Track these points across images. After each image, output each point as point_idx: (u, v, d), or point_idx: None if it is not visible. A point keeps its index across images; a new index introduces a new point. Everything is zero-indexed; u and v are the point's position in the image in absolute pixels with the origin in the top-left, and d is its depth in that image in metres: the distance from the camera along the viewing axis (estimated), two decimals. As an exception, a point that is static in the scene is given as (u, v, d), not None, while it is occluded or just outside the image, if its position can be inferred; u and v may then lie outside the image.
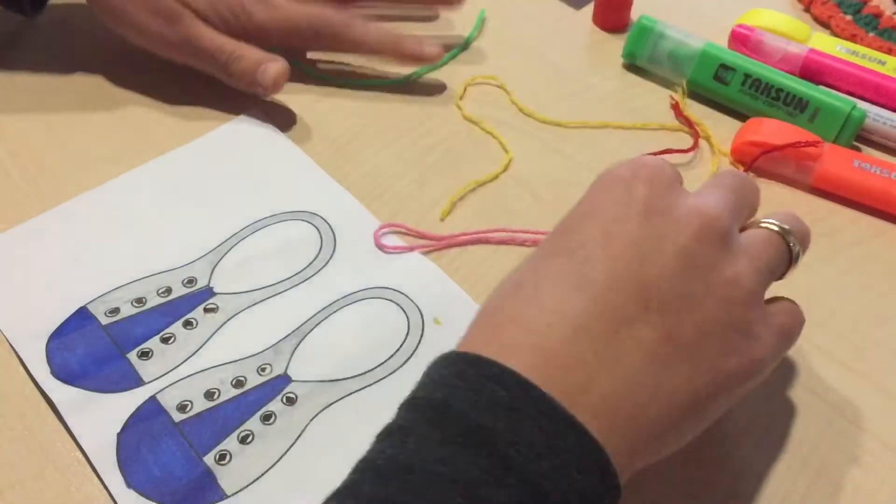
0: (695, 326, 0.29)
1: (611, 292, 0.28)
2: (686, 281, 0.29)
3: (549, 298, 0.29)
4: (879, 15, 0.56)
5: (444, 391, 0.27)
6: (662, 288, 0.29)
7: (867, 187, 0.45)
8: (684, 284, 0.29)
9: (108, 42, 0.56)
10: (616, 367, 0.28)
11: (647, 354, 0.28)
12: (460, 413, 0.26)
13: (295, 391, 0.38)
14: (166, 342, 0.40)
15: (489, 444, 0.25)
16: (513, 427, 0.25)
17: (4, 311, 0.40)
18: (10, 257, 0.43)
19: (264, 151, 0.48)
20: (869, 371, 0.39)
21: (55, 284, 0.42)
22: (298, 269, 0.43)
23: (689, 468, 0.36)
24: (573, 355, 0.27)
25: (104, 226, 0.44)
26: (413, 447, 0.26)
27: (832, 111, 0.47)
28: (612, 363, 0.28)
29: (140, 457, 0.36)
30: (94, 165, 0.48)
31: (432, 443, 0.26)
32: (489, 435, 0.25)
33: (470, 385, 0.27)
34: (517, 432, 0.25)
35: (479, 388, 0.26)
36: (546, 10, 0.58)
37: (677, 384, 0.28)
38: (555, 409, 0.26)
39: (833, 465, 0.36)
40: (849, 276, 0.43)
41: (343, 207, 0.45)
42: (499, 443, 0.25)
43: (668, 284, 0.29)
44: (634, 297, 0.28)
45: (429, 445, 0.26)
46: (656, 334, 0.28)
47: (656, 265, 0.29)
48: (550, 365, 0.27)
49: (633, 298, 0.28)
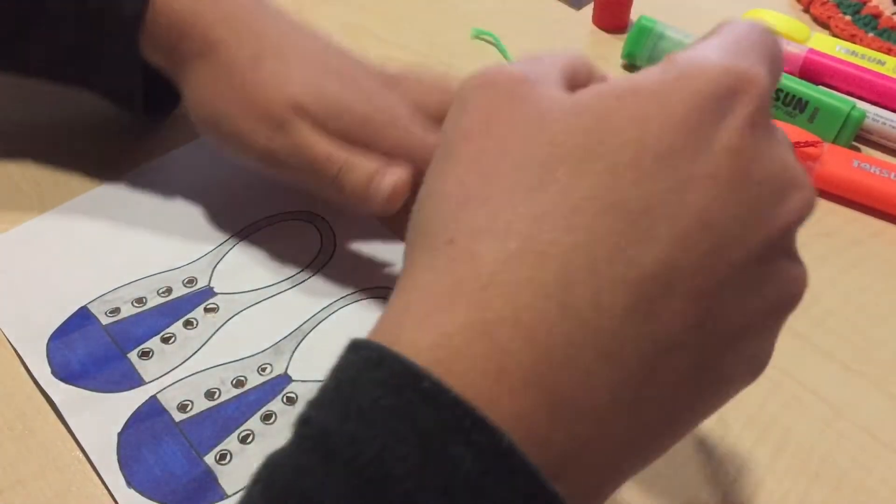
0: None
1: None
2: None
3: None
4: (879, 15, 0.56)
5: (377, 444, 0.19)
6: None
7: (866, 187, 0.45)
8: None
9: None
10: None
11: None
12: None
13: (295, 391, 0.38)
14: (167, 342, 0.40)
15: None
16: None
17: (5, 311, 0.40)
18: (10, 257, 0.43)
19: (264, 151, 0.48)
20: (869, 371, 0.39)
21: (56, 284, 0.42)
22: (298, 269, 0.43)
23: (689, 468, 0.36)
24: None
25: (104, 226, 0.44)
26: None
27: (831, 111, 0.47)
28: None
29: (140, 456, 0.36)
30: (94, 165, 0.48)
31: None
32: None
33: (417, 445, 0.19)
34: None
35: (438, 455, 0.19)
36: (546, 10, 0.58)
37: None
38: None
39: (833, 465, 0.36)
40: (848, 275, 0.43)
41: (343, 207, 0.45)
42: None
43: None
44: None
45: None
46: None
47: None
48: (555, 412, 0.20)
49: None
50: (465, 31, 0.56)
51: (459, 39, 0.56)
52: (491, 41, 0.56)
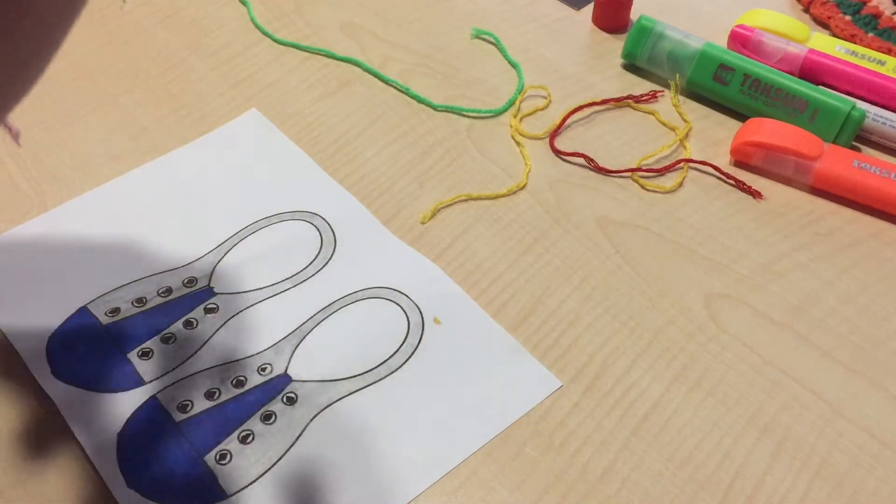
0: None
1: None
2: None
3: None
4: (879, 15, 0.56)
5: None
6: None
7: (866, 187, 0.45)
8: None
9: (108, 42, 0.56)
10: None
11: None
12: None
13: (295, 391, 0.38)
14: (167, 342, 0.40)
15: None
16: None
17: (5, 311, 0.41)
18: (10, 257, 0.43)
19: (264, 151, 0.49)
20: (869, 371, 0.39)
21: (56, 284, 0.42)
22: (298, 269, 0.43)
23: (689, 468, 0.36)
24: None
25: (104, 226, 0.44)
26: None
27: (832, 111, 0.47)
28: None
29: (140, 456, 0.36)
30: (94, 166, 0.48)
31: None
32: None
33: None
34: None
35: None
36: (546, 10, 0.58)
37: None
38: None
39: (833, 465, 0.36)
40: (848, 275, 0.43)
41: (343, 207, 0.45)
42: None
43: None
44: None
45: None
46: None
47: None
48: None
49: None
50: (465, 31, 0.57)
51: (459, 39, 0.56)
52: (491, 41, 0.56)
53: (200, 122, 0.50)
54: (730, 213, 0.45)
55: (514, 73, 0.53)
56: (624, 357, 0.40)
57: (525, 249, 0.44)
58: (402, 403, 0.38)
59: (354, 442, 0.37)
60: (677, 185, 0.47)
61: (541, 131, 0.50)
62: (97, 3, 0.59)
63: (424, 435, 0.37)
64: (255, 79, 0.53)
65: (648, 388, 0.38)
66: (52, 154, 0.48)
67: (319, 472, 0.35)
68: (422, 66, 0.54)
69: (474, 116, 0.51)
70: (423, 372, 0.39)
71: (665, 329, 0.41)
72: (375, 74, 0.53)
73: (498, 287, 0.42)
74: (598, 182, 0.47)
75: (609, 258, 0.43)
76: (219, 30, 0.57)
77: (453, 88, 0.53)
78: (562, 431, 0.37)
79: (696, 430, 0.37)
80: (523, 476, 0.36)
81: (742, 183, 0.47)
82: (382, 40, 0.56)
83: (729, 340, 0.40)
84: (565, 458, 0.36)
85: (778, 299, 0.42)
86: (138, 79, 0.53)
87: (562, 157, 0.48)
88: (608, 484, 0.35)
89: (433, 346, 0.39)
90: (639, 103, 0.51)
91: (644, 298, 0.42)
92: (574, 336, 0.40)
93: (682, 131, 0.49)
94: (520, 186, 0.47)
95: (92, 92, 0.52)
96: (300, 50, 0.55)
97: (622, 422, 0.37)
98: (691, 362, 0.39)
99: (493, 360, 0.39)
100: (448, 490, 0.35)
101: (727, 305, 0.41)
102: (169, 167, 0.48)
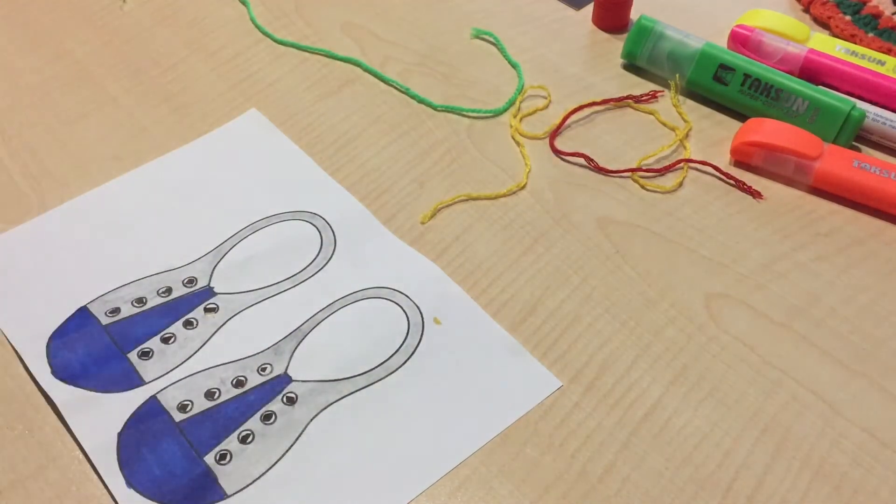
0: None
1: None
2: None
3: None
4: (879, 15, 0.56)
5: None
6: None
7: (866, 187, 0.45)
8: None
9: (108, 42, 0.56)
10: None
11: None
12: None
13: (295, 391, 0.38)
14: (167, 342, 0.40)
15: None
16: None
17: (5, 311, 0.41)
18: (10, 257, 0.43)
19: (264, 151, 0.49)
20: (869, 371, 0.39)
21: (56, 284, 0.42)
22: (298, 269, 0.43)
23: (689, 468, 0.36)
24: None
25: (104, 226, 0.44)
26: None
27: (832, 111, 0.47)
28: None
29: (140, 456, 0.36)
30: (94, 166, 0.48)
31: None
32: None
33: None
34: None
35: None
36: (546, 10, 0.58)
37: None
38: None
39: (833, 464, 0.36)
40: (848, 275, 0.43)
41: (343, 207, 0.45)
42: None
43: None
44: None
45: None
46: None
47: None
48: None
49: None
50: (465, 31, 0.57)
51: (459, 39, 0.56)
52: (491, 41, 0.56)
53: (200, 122, 0.50)
54: (730, 213, 0.45)
55: (514, 73, 0.54)
56: (624, 357, 0.40)
57: (525, 249, 0.44)
58: (401, 403, 0.38)
59: (354, 442, 0.37)
60: (677, 185, 0.47)
61: (541, 131, 0.50)
62: (97, 3, 0.59)
63: (424, 435, 0.37)
64: (255, 79, 0.53)
65: (648, 388, 0.38)
66: (52, 154, 0.48)
67: (319, 472, 0.36)
68: (422, 66, 0.54)
69: (474, 116, 0.51)
70: (422, 372, 0.39)
71: (665, 329, 0.41)
72: (375, 74, 0.53)
73: (498, 287, 0.42)
74: (598, 182, 0.47)
75: (609, 258, 0.43)
76: (219, 30, 0.57)
77: (453, 88, 0.53)
78: (562, 431, 0.37)
79: (696, 430, 0.37)
80: (523, 476, 0.36)
81: (742, 183, 0.47)
82: (382, 40, 0.56)
83: (729, 340, 0.40)
84: (565, 457, 0.36)
85: (778, 299, 0.42)
86: (138, 79, 0.53)
87: (562, 157, 0.49)
88: (608, 484, 0.35)
89: (433, 346, 0.39)
90: (639, 103, 0.51)
91: (644, 298, 0.42)
92: (574, 336, 0.40)
93: (682, 131, 0.49)
94: (520, 186, 0.47)
95: (92, 92, 0.52)
96: (300, 50, 0.55)
97: (622, 422, 0.37)
98: (691, 362, 0.39)
99: (493, 360, 0.39)
100: (448, 490, 0.35)
101: (727, 305, 0.41)
102: (169, 167, 0.48)
